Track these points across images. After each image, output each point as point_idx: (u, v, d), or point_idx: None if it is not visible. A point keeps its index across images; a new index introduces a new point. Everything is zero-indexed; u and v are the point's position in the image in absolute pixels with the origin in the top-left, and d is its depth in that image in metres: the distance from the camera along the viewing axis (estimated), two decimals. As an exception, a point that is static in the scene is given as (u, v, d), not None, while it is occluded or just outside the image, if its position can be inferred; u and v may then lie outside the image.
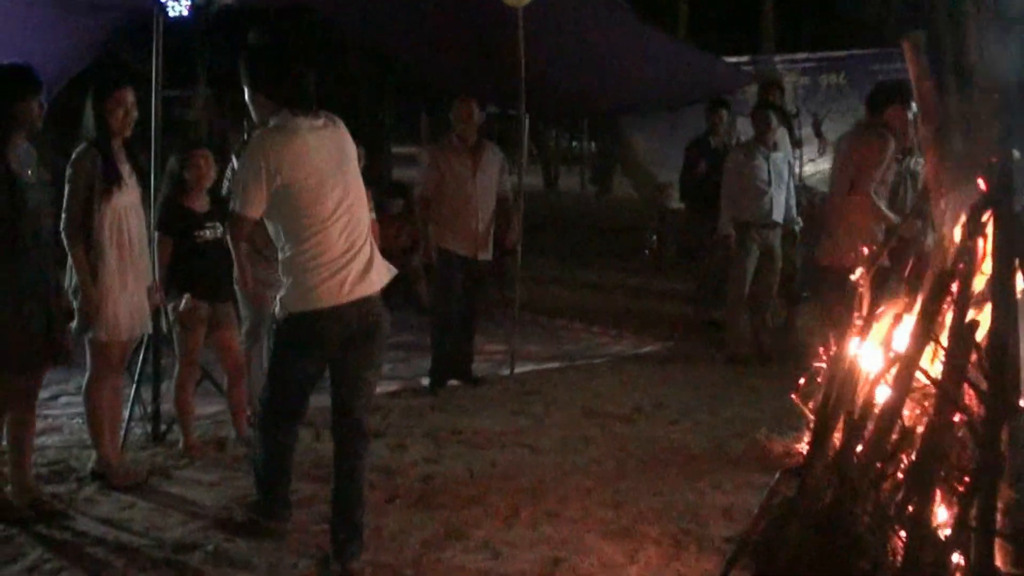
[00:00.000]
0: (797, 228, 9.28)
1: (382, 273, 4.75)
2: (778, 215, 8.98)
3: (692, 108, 12.15)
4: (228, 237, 4.95)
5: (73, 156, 5.52)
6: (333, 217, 4.56)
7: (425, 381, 8.06)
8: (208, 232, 6.26)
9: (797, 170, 11.28)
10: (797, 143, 11.43)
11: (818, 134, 13.38)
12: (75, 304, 5.48)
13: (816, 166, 12.71)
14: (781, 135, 9.29)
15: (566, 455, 6.43)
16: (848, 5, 16.80)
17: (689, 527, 5.23)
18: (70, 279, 5.52)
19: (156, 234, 6.16)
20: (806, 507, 4.01)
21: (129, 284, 5.64)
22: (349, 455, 4.76)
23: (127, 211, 5.62)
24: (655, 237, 15.66)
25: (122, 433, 6.21)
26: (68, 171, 5.49)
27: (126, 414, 6.42)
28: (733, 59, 14.56)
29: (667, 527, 5.23)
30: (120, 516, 5.36)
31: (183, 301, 6.18)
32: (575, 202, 26.40)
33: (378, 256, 4.76)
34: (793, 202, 9.20)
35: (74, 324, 5.49)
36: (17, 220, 5.01)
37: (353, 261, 4.60)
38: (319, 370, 4.77)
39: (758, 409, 7.32)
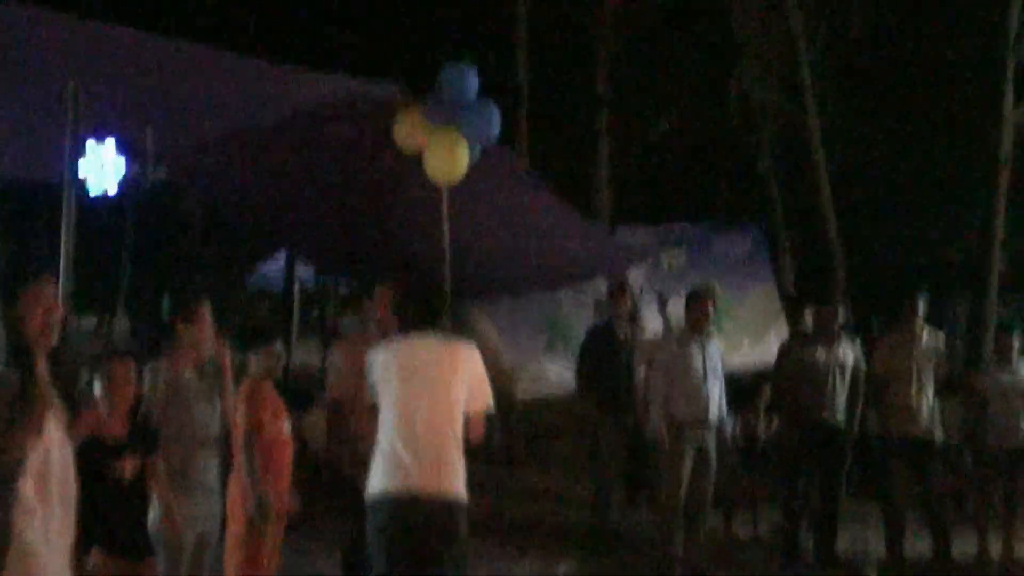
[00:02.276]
0: (730, 428, 8.38)
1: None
2: (714, 412, 8.09)
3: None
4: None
5: None
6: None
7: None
8: (127, 467, 4.93)
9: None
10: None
11: (663, 315, 12.72)
12: None
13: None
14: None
15: None
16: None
17: None
18: None
19: None
20: None
21: (52, 540, 4.17)
22: None
23: (52, 448, 4.19)
24: (503, 428, 14.60)
25: None
26: None
27: None
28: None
29: None
30: None
31: (91, 558, 4.82)
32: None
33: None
34: (724, 400, 8.31)
35: None
36: None
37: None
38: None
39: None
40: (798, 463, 8.75)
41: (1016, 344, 8.77)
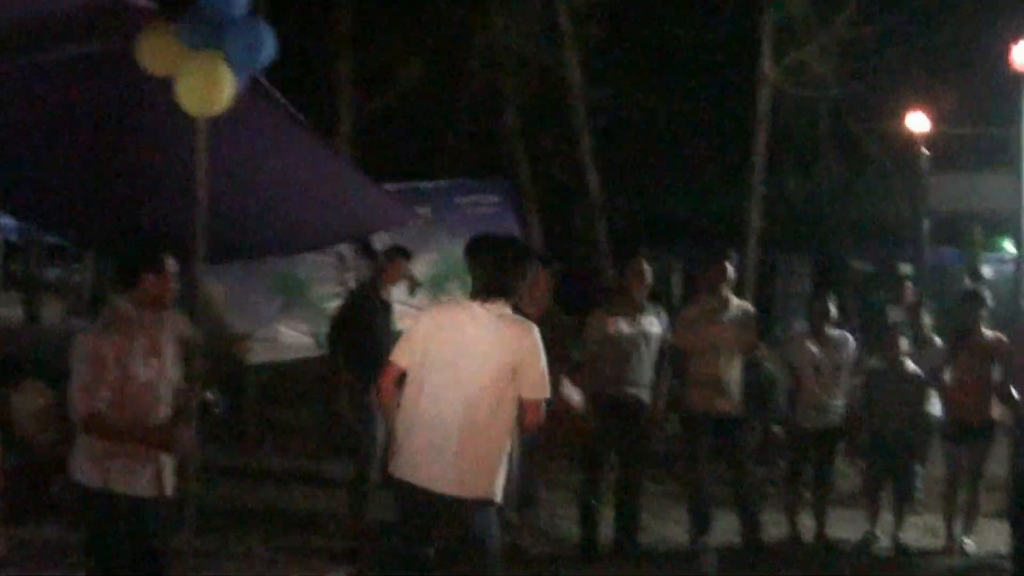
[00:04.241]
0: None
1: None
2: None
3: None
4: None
5: None
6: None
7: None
8: None
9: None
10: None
11: (410, 275, 11.63)
12: None
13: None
14: None
15: None
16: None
17: None
18: None
19: None
20: None
21: None
22: None
23: None
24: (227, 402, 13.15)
25: None
26: None
27: None
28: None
29: None
30: None
31: None
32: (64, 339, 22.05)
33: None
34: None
35: None
36: None
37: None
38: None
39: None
40: (599, 443, 7.88)
41: (831, 312, 8.17)
